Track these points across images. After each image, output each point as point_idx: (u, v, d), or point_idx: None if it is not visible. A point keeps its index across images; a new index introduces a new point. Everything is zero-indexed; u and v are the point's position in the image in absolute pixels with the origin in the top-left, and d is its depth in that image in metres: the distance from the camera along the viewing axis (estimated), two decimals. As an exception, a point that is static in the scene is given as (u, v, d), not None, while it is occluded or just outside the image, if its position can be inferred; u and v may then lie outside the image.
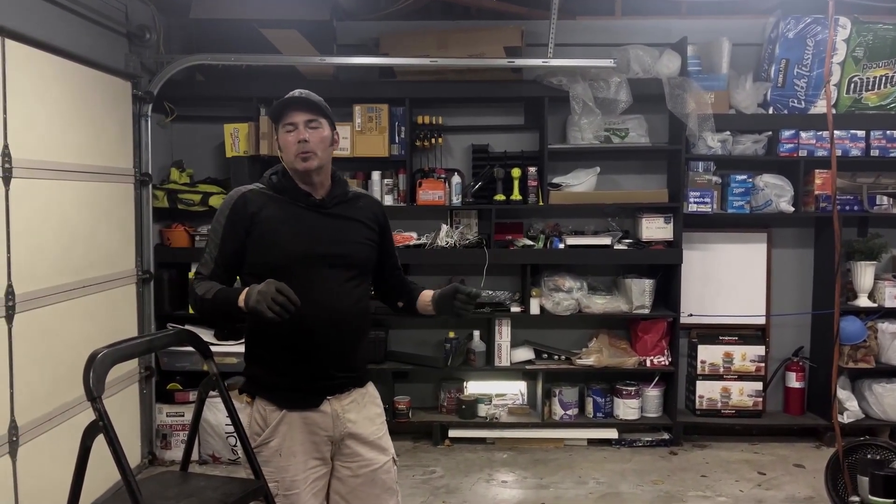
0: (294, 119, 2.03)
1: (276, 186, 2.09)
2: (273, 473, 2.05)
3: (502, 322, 4.50)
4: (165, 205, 4.29)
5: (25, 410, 2.96)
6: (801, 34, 4.29)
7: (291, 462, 2.05)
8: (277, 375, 2.08)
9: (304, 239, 2.04)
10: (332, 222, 2.09)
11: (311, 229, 2.06)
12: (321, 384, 2.08)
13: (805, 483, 3.91)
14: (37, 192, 3.10)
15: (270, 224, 2.03)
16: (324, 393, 2.08)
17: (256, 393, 2.12)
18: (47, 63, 3.20)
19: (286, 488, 2.05)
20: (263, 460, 2.07)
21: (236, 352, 4.27)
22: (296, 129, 2.02)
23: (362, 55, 4.42)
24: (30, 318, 3.01)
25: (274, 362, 2.08)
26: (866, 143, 4.34)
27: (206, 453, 4.22)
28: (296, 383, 2.07)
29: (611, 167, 4.61)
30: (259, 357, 2.13)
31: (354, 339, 2.12)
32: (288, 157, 2.05)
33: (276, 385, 2.09)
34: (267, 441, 2.07)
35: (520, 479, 4.01)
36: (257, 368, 2.13)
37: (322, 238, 2.06)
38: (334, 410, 2.09)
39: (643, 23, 4.59)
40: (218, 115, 4.51)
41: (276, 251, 2.02)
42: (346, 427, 2.10)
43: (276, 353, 2.07)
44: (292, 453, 2.06)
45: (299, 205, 2.07)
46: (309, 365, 2.06)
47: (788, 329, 4.69)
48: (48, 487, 3.06)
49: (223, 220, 2.05)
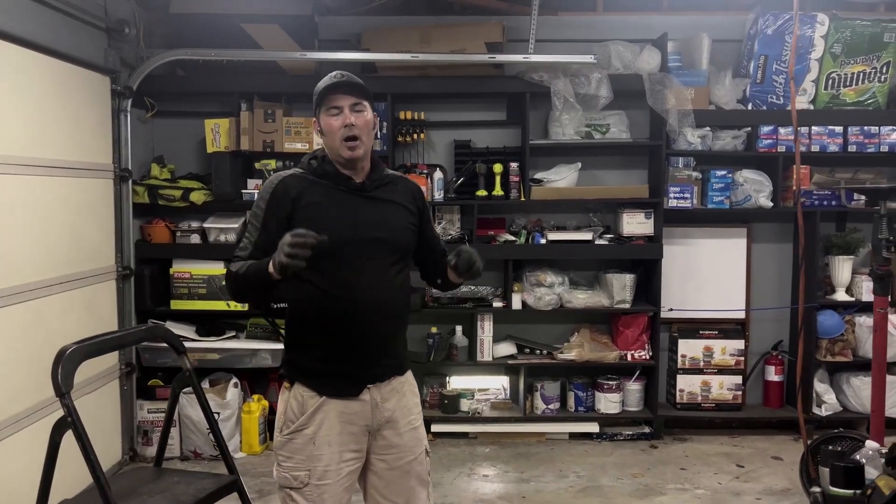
0: (339, 102, 1.98)
1: (317, 171, 2.05)
2: (304, 462, 2.00)
3: (484, 317, 4.52)
4: (146, 200, 4.28)
5: (4, 406, 2.95)
6: (780, 30, 4.32)
7: (325, 451, 2.00)
8: (319, 361, 2.03)
9: (348, 223, 2.00)
10: (374, 206, 2.06)
11: (355, 214, 2.02)
12: (363, 371, 2.05)
13: (783, 475, 3.95)
14: (14, 188, 3.09)
15: (313, 209, 2.00)
16: (365, 381, 2.04)
17: (295, 378, 2.06)
18: (24, 58, 3.18)
19: (318, 478, 1.99)
20: (295, 448, 2.01)
21: (218, 348, 4.30)
22: (341, 113, 1.98)
23: (344, 50, 4.41)
24: (8, 314, 3.00)
25: (317, 347, 2.04)
26: (844, 138, 4.38)
27: (188, 449, 4.22)
28: (338, 370, 2.03)
29: (592, 163, 4.64)
30: (301, 342, 2.07)
31: (398, 325, 2.11)
32: (332, 143, 2.01)
33: (317, 371, 2.04)
34: (301, 428, 2.01)
35: (501, 473, 4.04)
36: (298, 353, 2.07)
37: (366, 222, 2.03)
38: (373, 399, 2.05)
39: (624, 18, 4.61)
40: (199, 111, 4.49)
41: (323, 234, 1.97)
42: (383, 416, 2.06)
43: (320, 338, 2.03)
44: (327, 442, 2.00)
45: (341, 189, 2.04)
46: (353, 351, 2.03)
47: (768, 323, 4.73)
48: (26, 485, 3.05)
49: (263, 204, 2.02)
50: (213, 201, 4.37)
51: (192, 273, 4.34)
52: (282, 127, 4.34)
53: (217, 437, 2.07)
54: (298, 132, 4.35)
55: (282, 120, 4.34)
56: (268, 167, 4.40)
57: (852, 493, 2.36)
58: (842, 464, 2.46)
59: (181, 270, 4.35)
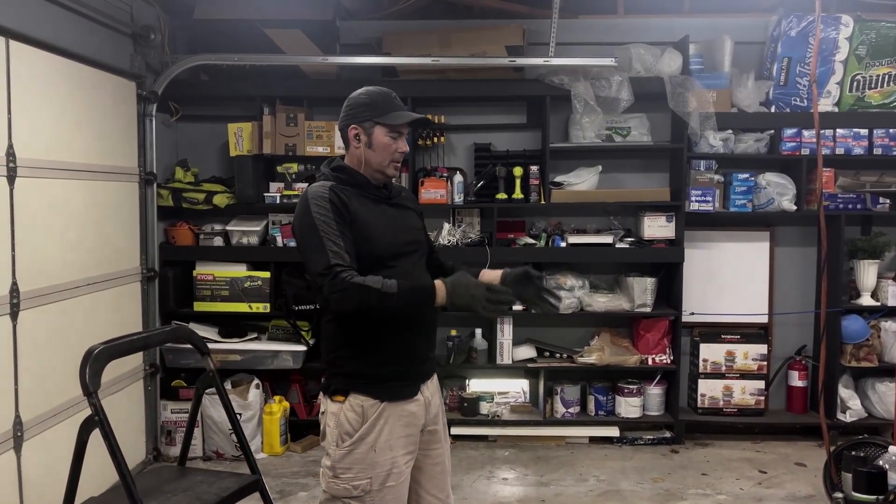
0: (403, 130, 2.11)
1: (351, 181, 2.09)
2: (366, 470, 2.02)
3: (504, 320, 4.52)
4: (170, 203, 4.34)
5: (30, 406, 3.01)
6: (804, 32, 4.28)
7: (388, 456, 2.03)
8: (379, 366, 2.06)
9: (388, 229, 2.10)
10: (400, 213, 2.19)
11: (391, 220, 2.13)
12: (418, 369, 2.13)
13: (806, 482, 3.91)
14: (42, 191, 3.15)
15: (362, 217, 2.06)
16: (419, 379, 2.13)
17: (351, 389, 2.06)
18: (52, 64, 3.25)
19: (381, 483, 2.02)
20: (356, 458, 2.03)
21: (240, 349, 4.35)
22: (400, 139, 2.10)
23: (365, 55, 4.44)
24: (35, 315, 3.06)
25: (377, 353, 2.06)
26: (869, 141, 4.32)
27: (211, 449, 4.27)
28: (397, 372, 2.07)
29: (613, 166, 4.62)
30: (360, 350, 2.07)
31: (436, 321, 2.23)
32: (380, 159, 2.09)
33: (378, 376, 2.05)
34: (363, 437, 2.03)
35: (521, 476, 4.03)
36: (356, 363, 2.07)
37: (400, 228, 2.15)
38: (426, 398, 2.14)
39: (645, 21, 4.59)
40: (222, 115, 4.55)
41: (372, 243, 2.05)
42: (432, 412, 2.16)
43: (380, 343, 2.06)
44: (389, 447, 2.04)
45: (373, 198, 2.12)
46: (411, 351, 2.10)
47: (791, 328, 4.68)
48: (52, 483, 3.10)
49: (329, 213, 2.00)
50: (235, 204, 4.42)
51: (215, 275, 4.39)
52: (304, 131, 4.38)
53: (240, 437, 2.10)
54: (320, 136, 4.38)
55: (304, 124, 4.38)
56: (290, 171, 4.45)
57: (875, 498, 2.34)
58: (864, 469, 2.43)
59: (204, 272, 4.40)
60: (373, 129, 2.07)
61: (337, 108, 2.23)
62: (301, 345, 4.36)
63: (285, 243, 4.43)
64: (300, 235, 2.03)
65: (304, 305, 4.34)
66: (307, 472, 4.07)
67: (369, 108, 2.07)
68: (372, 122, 2.06)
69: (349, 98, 2.14)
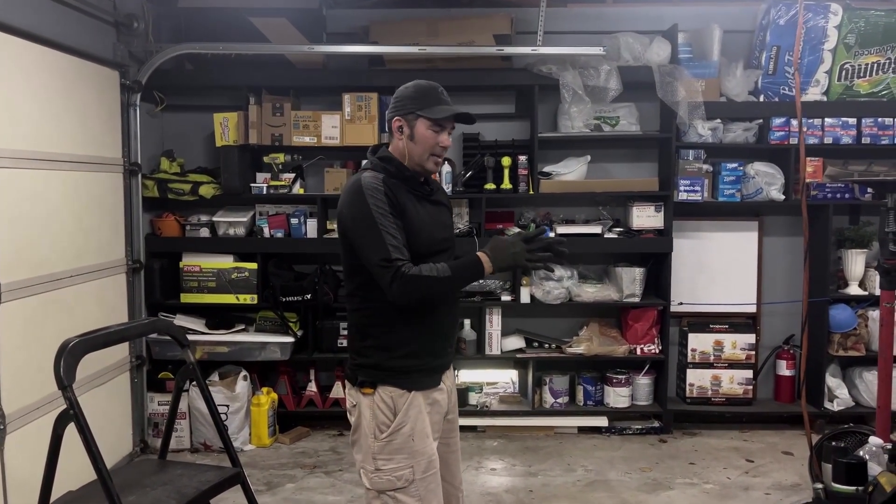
0: (447, 123, 2.10)
1: (399, 174, 2.11)
2: (407, 459, 2.04)
3: (493, 311, 4.51)
4: (156, 194, 4.30)
5: (13, 400, 2.98)
6: (792, 21, 4.26)
7: (426, 443, 2.07)
8: (407, 359, 2.07)
9: (430, 227, 2.12)
10: (437, 209, 2.21)
11: (431, 217, 2.15)
12: (443, 361, 2.17)
13: (792, 470, 3.92)
14: (24, 183, 3.11)
15: (409, 212, 2.07)
16: (441, 370, 2.17)
17: (379, 381, 2.07)
18: (33, 53, 3.20)
19: (423, 471, 2.04)
20: (396, 448, 2.04)
21: (227, 341, 4.33)
22: (442, 133, 2.09)
23: (352, 43, 4.40)
24: (18, 307, 3.02)
25: (405, 345, 2.07)
26: (857, 130, 4.32)
27: (198, 441, 4.25)
28: (424, 364, 2.10)
29: (601, 155, 4.61)
30: (383, 344, 2.08)
31: (460, 316, 2.35)
32: (422, 152, 2.09)
33: (406, 368, 2.07)
34: (399, 427, 2.04)
35: (509, 466, 4.03)
36: (383, 355, 2.08)
37: (437, 225, 2.17)
38: (447, 387, 2.20)
39: (634, 10, 4.57)
40: (207, 105, 4.51)
41: (419, 238, 2.06)
42: (452, 400, 2.23)
43: (411, 335, 2.08)
44: (425, 434, 2.07)
45: (416, 193, 2.13)
46: (439, 343, 2.14)
47: (779, 317, 4.69)
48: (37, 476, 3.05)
49: (385, 206, 2.01)
50: (222, 195, 4.38)
51: (202, 266, 4.36)
52: (290, 121, 4.34)
53: (220, 429, 2.08)
54: (307, 126, 4.35)
55: (290, 113, 4.34)
56: (276, 161, 4.41)
57: (854, 489, 2.34)
58: (844, 460, 2.43)
59: (191, 264, 4.37)
60: (415, 121, 2.08)
61: (324, 97, 2.23)
62: (289, 336, 4.34)
63: (272, 234, 4.40)
64: (357, 226, 2.01)
65: (292, 297, 4.32)
66: (295, 463, 4.06)
67: (414, 101, 2.09)
68: (415, 114, 2.07)
69: (397, 90, 2.16)
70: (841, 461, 2.44)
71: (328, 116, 4.31)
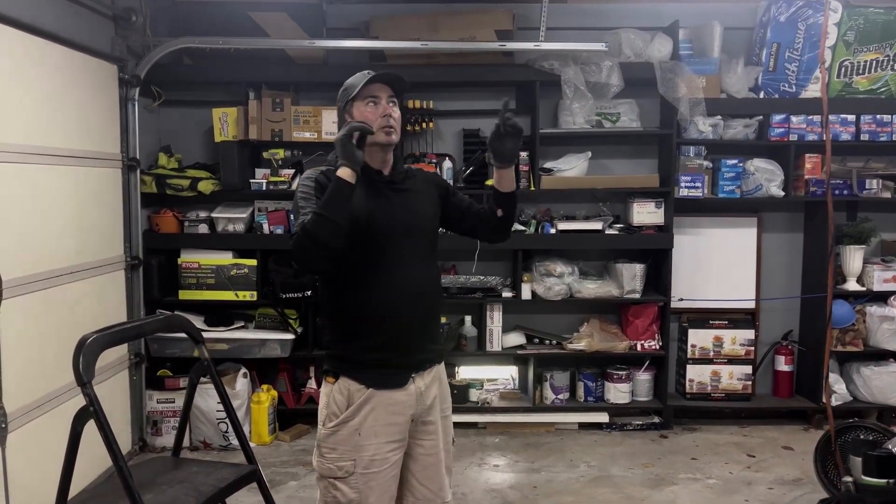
0: (378, 93, 2.05)
1: None
2: (350, 452, 2.04)
3: (494, 307, 4.50)
4: (154, 190, 4.25)
5: (14, 398, 2.93)
6: (793, 18, 4.29)
7: (372, 442, 2.04)
8: (368, 352, 2.05)
9: (385, 214, 2.06)
10: (404, 197, 2.12)
11: (389, 205, 2.08)
12: (409, 360, 2.09)
13: (794, 465, 3.95)
14: (21, 178, 3.05)
15: (353, 200, 1.99)
16: (410, 369, 2.09)
17: (341, 372, 2.08)
18: (32, 45, 3.15)
19: (364, 467, 2.03)
20: (340, 439, 2.04)
21: (227, 338, 4.29)
22: (379, 104, 2.04)
23: (352, 39, 4.37)
24: (17, 304, 2.97)
25: (364, 338, 2.06)
26: (856, 127, 4.35)
27: (198, 440, 4.21)
28: (386, 360, 2.05)
29: (602, 152, 4.61)
30: (348, 335, 2.08)
31: (436, 311, 2.18)
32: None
33: (365, 362, 2.05)
34: (347, 420, 2.04)
35: (511, 462, 4.03)
36: (345, 346, 2.08)
37: (399, 212, 2.09)
38: (418, 388, 2.10)
39: (635, 6, 4.56)
40: (206, 100, 4.46)
41: (362, 229, 2.02)
42: (426, 404, 2.12)
43: (367, 328, 2.05)
44: (373, 433, 2.04)
45: (372, 182, 2.08)
46: (399, 339, 2.06)
47: (778, 313, 4.71)
48: (38, 474, 3.04)
49: (310, 190, 2.00)
50: (220, 191, 4.34)
51: (201, 263, 4.31)
52: (290, 116, 4.30)
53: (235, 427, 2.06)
54: (307, 121, 4.31)
55: (290, 109, 4.30)
56: (276, 156, 4.37)
57: (885, 482, 2.35)
58: (875, 453, 2.44)
59: (189, 260, 4.32)
60: (352, 108, 2.08)
61: (324, 92, 2.21)
62: (289, 333, 4.31)
63: (272, 230, 4.37)
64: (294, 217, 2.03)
65: (292, 293, 4.29)
66: (296, 461, 4.03)
67: (346, 92, 2.10)
68: (350, 104, 2.08)
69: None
70: (871, 454, 2.44)
71: (328, 112, 4.27)
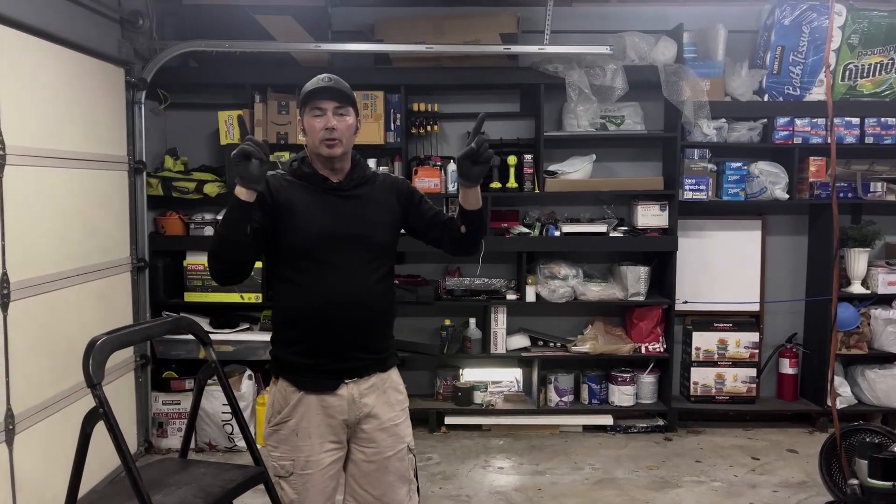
0: (323, 105, 2.02)
1: (297, 172, 2.11)
2: (289, 452, 2.08)
3: (498, 310, 4.51)
4: (160, 193, 4.27)
5: (22, 399, 2.94)
6: (797, 21, 4.29)
7: (307, 442, 2.07)
8: (297, 356, 2.09)
9: (320, 221, 2.05)
10: (350, 204, 2.10)
11: (328, 212, 2.06)
12: (340, 366, 2.09)
13: (798, 468, 3.95)
14: (31, 180, 3.07)
15: (289, 208, 2.05)
16: (341, 376, 2.08)
17: (278, 373, 2.14)
18: (39, 49, 3.17)
19: (301, 467, 2.07)
20: (281, 439, 2.09)
21: (233, 339, 4.30)
22: (324, 115, 2.02)
23: (357, 42, 4.39)
24: (25, 305, 2.99)
25: (295, 343, 2.09)
26: (861, 130, 4.35)
27: (203, 441, 4.22)
28: (315, 365, 2.07)
29: (606, 154, 4.62)
30: (282, 338, 2.13)
31: (374, 321, 2.13)
32: (313, 142, 2.05)
33: (295, 366, 2.09)
34: (285, 420, 2.09)
35: (516, 465, 4.03)
36: (280, 349, 2.13)
37: (341, 220, 2.07)
38: (350, 394, 2.09)
39: (639, 9, 4.58)
40: (212, 103, 4.48)
41: (295, 235, 2.04)
42: (361, 411, 2.11)
43: (297, 333, 2.08)
44: (308, 434, 2.07)
45: (318, 189, 2.08)
46: (328, 346, 2.07)
47: (782, 316, 4.71)
48: (45, 476, 3.06)
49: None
50: (226, 193, 4.34)
51: (206, 265, 4.32)
52: (295, 119, 4.31)
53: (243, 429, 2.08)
54: (312, 124, 4.32)
55: (295, 112, 4.31)
56: (281, 159, 4.38)
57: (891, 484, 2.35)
58: (880, 456, 2.44)
59: (195, 263, 4.34)
60: (304, 116, 2.07)
61: (329, 96, 2.18)
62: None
63: (277, 233, 4.37)
64: None
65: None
66: (301, 463, 4.04)
67: (300, 100, 2.08)
68: (302, 109, 2.07)
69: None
70: (877, 457, 2.44)
71: (334, 114, 4.29)
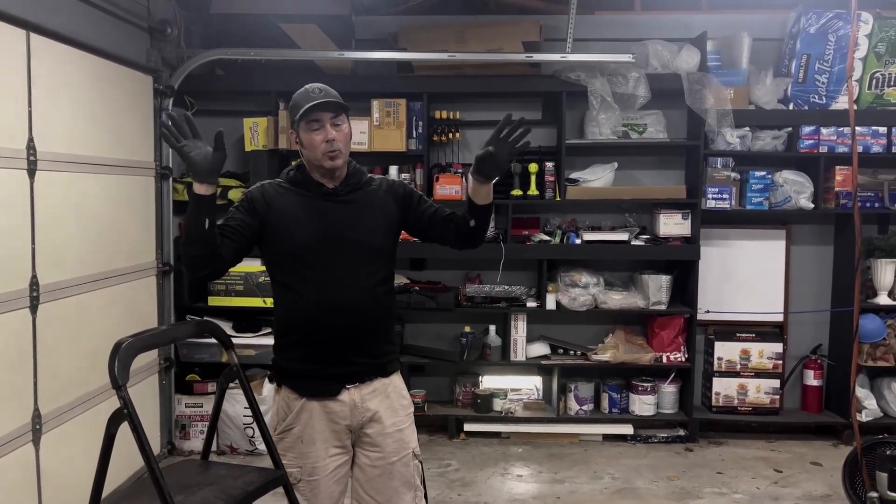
0: (319, 117, 2.04)
1: (292, 180, 2.15)
2: (296, 459, 2.12)
3: (518, 317, 4.51)
4: (185, 198, 4.33)
5: (49, 399, 3.01)
6: (823, 29, 4.26)
7: (312, 449, 2.10)
8: (298, 363, 2.12)
9: (315, 227, 2.07)
10: (345, 209, 2.11)
11: (325, 218, 2.08)
12: (340, 371, 2.10)
13: (822, 481, 3.89)
14: (61, 185, 3.14)
15: (283, 214, 2.08)
16: (343, 381, 2.11)
17: (281, 381, 2.18)
18: (71, 57, 3.24)
19: (308, 474, 2.10)
20: (287, 446, 2.13)
21: (255, 343, 4.34)
22: (322, 128, 2.03)
23: (381, 50, 4.43)
24: (54, 308, 3.05)
25: (294, 350, 2.12)
26: (888, 139, 4.29)
27: (224, 444, 4.27)
28: (315, 371, 2.10)
29: (628, 163, 4.61)
30: (283, 345, 2.17)
31: (373, 325, 2.13)
32: (314, 155, 2.06)
33: (296, 373, 2.13)
34: (290, 428, 2.13)
35: (535, 473, 4.02)
36: (281, 356, 2.17)
37: (336, 225, 2.09)
38: (352, 400, 2.11)
39: (663, 17, 4.57)
40: (237, 110, 4.54)
41: (289, 240, 2.07)
42: (364, 416, 2.13)
43: (297, 340, 2.12)
44: (312, 440, 2.10)
45: (313, 195, 2.11)
46: (327, 351, 2.09)
47: (807, 326, 4.66)
48: (70, 475, 3.11)
49: (238, 204, 2.13)
50: (250, 199, 4.40)
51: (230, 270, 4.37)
52: (319, 126, 4.36)
53: (263, 433, 2.09)
54: (335, 131, 4.37)
55: (319, 119, 4.36)
56: (304, 166, 4.44)
57: None
58: None
59: (219, 267, 4.39)
60: (299, 130, 2.07)
61: (352, 102, 2.23)
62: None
63: (300, 238, 4.42)
64: None
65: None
66: (321, 467, 4.07)
67: (293, 110, 2.08)
68: (296, 124, 2.07)
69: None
70: None
71: (357, 122, 4.33)
